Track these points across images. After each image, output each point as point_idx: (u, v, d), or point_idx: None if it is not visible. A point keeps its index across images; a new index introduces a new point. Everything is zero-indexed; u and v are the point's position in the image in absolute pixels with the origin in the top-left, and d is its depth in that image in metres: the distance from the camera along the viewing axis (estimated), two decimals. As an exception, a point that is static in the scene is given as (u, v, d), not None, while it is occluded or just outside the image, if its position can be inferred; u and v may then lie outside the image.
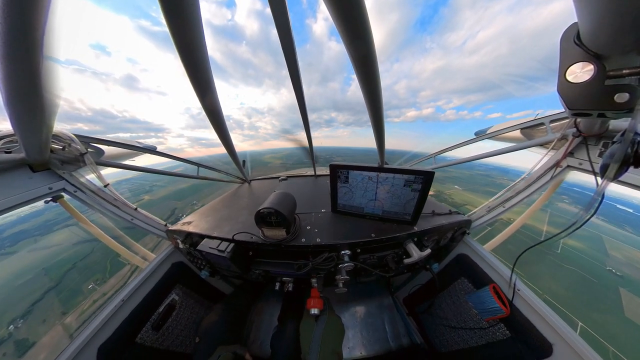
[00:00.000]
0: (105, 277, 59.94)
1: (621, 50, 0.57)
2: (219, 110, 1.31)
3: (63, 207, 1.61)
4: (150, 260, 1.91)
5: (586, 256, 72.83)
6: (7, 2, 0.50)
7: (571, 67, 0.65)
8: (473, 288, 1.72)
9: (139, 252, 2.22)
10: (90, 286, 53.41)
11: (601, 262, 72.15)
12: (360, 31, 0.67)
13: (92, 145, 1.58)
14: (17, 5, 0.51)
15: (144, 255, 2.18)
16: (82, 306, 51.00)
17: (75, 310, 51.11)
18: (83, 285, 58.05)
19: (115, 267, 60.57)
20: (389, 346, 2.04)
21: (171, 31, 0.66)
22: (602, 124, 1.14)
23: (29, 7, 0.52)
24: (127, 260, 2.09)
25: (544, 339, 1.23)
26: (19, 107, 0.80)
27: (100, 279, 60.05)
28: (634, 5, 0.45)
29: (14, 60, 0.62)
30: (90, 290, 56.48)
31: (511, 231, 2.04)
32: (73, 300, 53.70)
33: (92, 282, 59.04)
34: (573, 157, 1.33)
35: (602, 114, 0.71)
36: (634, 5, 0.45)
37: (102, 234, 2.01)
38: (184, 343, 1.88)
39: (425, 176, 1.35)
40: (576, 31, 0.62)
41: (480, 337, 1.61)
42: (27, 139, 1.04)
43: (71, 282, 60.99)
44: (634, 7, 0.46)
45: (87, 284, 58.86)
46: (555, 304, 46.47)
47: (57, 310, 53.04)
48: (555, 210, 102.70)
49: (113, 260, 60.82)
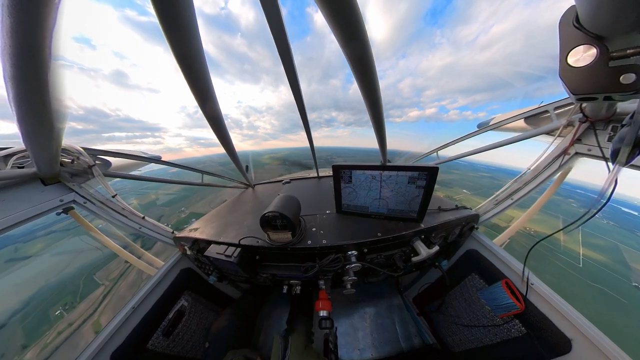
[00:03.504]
0: (76, 300, 51.43)
1: (623, 30, 0.55)
2: (220, 117, 1.33)
3: (73, 218, 1.65)
4: (159, 267, 1.93)
5: (609, 270, 66.97)
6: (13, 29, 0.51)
7: (572, 50, 0.64)
8: (485, 284, 1.67)
9: (147, 259, 2.25)
10: (57, 312, 44.14)
11: (626, 277, 66.91)
12: (355, 32, 0.68)
13: (99, 157, 1.63)
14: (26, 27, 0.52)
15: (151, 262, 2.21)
16: (46, 338, 42.68)
17: (37, 343, 42.69)
18: (51, 310, 49.93)
19: (88, 288, 52.64)
20: (400, 347, 2.00)
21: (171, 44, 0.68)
22: (609, 107, 1.10)
23: (36, 19, 0.52)
24: (101, 280, 2.05)
25: (562, 334, 1.18)
26: (29, 124, 0.83)
27: (70, 302, 51.39)
28: None
29: (24, 82, 0.65)
30: (57, 317, 47.27)
31: (520, 224, 1.98)
32: (38, 330, 44.73)
33: (60, 307, 50.69)
34: (581, 144, 1.29)
35: (609, 97, 0.69)
36: None
37: (111, 242, 2.05)
38: (194, 348, 1.89)
39: (430, 172, 1.33)
40: (575, 14, 0.61)
41: (495, 335, 1.56)
42: (38, 154, 1.08)
43: (40, 305, 52.61)
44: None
45: (56, 308, 50.66)
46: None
47: (18, 343, 43.56)
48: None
49: (87, 279, 53.83)
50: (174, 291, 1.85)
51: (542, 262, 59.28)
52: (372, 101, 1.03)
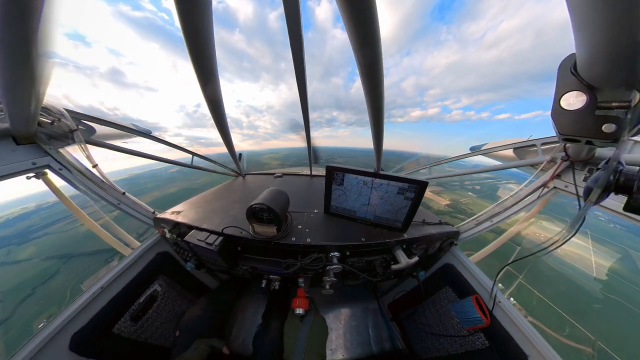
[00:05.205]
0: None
1: (612, 84, 0.60)
2: (220, 101, 1.29)
3: (46, 185, 1.54)
4: (135, 248, 1.85)
5: (625, 280, 59.45)
6: None
7: (565, 94, 0.69)
8: (456, 297, 1.76)
9: (123, 239, 2.15)
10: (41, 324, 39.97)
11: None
12: (369, 38, 0.68)
13: (83, 122, 1.52)
14: None
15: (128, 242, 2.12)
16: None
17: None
18: (35, 322, 45.15)
19: (75, 296, 51.48)
20: (371, 350, 2.06)
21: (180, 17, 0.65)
22: (589, 150, 1.20)
23: None
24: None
25: (520, 350, 1.27)
26: (7, 74, 0.75)
27: (54, 314, 49.24)
28: (628, 46, 0.49)
29: (7, 27, 0.59)
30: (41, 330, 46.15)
31: (497, 245, 2.10)
32: (20, 343, 42.02)
33: (45, 318, 44.47)
34: (560, 180, 1.39)
35: (590, 142, 0.75)
36: (628, 46, 0.49)
37: (86, 216, 1.94)
38: (164, 336, 1.83)
39: (419, 185, 1.37)
40: (573, 61, 0.66)
41: (460, 345, 1.65)
42: (14, 108, 0.98)
43: (25, 315, 49.45)
44: (628, 47, 0.49)
45: (40, 319, 44.84)
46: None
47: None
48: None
49: (74, 288, 50.26)
50: (148, 274, 1.78)
51: (554, 271, 54.25)
52: (375, 108, 1.04)
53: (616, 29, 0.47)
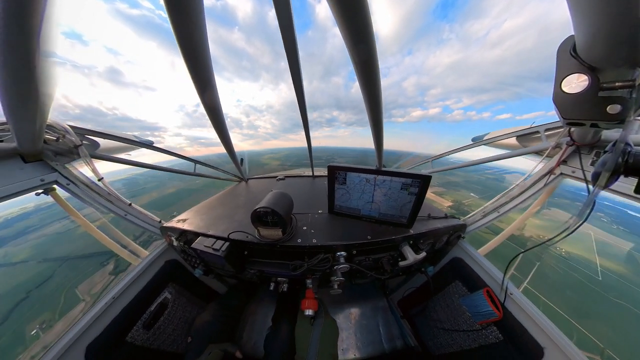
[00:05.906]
0: (55, 317, 45.28)
1: (614, 63, 0.59)
2: (219, 107, 1.30)
3: (54, 200, 1.58)
4: (143, 257, 1.88)
5: (630, 284, 58.16)
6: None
7: (566, 77, 0.67)
8: (467, 291, 1.74)
9: (131, 249, 2.18)
10: (33, 331, 34.53)
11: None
12: (363, 36, 0.68)
13: (87, 137, 1.55)
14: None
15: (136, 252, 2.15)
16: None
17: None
18: (27, 327, 44.21)
19: (69, 303, 46.30)
20: (383, 348, 2.05)
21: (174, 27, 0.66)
22: (594, 133, 1.17)
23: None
24: (82, 295, 1.93)
25: (535, 342, 1.25)
26: (12, 95, 0.78)
27: (48, 319, 45.23)
28: (628, 22, 0.48)
29: (10, 48, 0.61)
30: (33, 337, 41.31)
31: (505, 236, 2.07)
32: (12, 352, 37.97)
33: (38, 324, 44.59)
34: (566, 165, 1.36)
35: (595, 124, 0.73)
36: (628, 22, 0.48)
37: (94, 229, 1.97)
38: (176, 342, 1.85)
39: (422, 180, 1.36)
40: (572, 43, 0.64)
41: (473, 340, 1.62)
42: (20, 128, 1.01)
43: (18, 320, 47.03)
44: (628, 23, 0.48)
45: (33, 325, 44.87)
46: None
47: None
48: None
49: (69, 292, 48.51)
50: (158, 282, 1.81)
51: (561, 275, 54.51)
52: (373, 105, 1.03)
53: (615, 6, 0.46)
